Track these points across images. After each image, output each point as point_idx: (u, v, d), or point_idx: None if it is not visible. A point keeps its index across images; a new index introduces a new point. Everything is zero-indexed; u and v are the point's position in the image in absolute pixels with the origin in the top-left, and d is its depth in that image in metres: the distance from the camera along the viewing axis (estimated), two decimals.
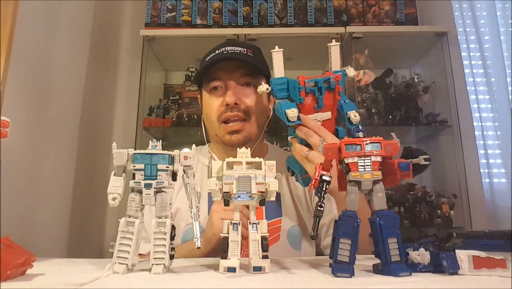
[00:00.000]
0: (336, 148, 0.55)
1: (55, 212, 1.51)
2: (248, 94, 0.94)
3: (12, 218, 1.17)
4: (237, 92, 0.93)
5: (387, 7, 2.03)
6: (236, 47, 0.95)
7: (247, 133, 0.94)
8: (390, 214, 0.53)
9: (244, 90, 0.95)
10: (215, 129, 0.95)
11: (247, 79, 0.95)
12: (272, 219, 0.92)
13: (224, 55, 0.93)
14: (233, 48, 0.95)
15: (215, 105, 0.94)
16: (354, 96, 1.89)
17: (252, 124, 0.95)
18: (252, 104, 0.94)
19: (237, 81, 0.95)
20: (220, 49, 0.95)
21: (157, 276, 0.52)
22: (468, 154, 1.77)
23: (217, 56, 0.94)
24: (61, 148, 1.55)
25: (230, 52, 0.94)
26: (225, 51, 0.94)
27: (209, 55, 0.97)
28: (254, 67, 0.95)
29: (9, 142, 0.50)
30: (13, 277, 0.47)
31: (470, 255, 0.51)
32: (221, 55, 0.94)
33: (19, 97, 1.25)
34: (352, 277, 0.50)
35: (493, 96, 1.86)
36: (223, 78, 0.94)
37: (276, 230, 0.91)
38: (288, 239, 0.91)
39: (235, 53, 0.94)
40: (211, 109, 0.95)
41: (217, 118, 0.94)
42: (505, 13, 1.90)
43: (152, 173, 0.56)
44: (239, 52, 0.94)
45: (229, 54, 0.93)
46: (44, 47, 1.41)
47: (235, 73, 0.94)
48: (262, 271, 0.54)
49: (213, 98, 0.95)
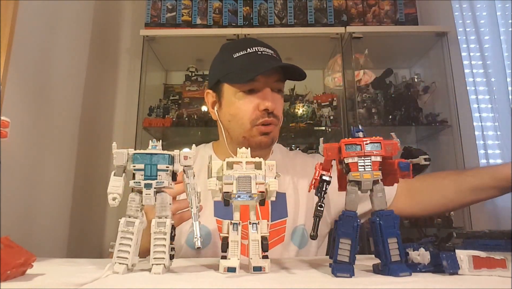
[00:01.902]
0: (336, 147, 0.55)
1: (55, 212, 1.51)
2: (278, 100, 0.95)
3: (12, 218, 1.17)
4: (273, 97, 0.92)
5: (387, 7, 2.03)
6: (266, 48, 0.94)
7: (273, 135, 0.94)
8: (390, 214, 0.53)
9: (277, 96, 0.95)
10: (245, 131, 0.93)
11: (280, 85, 0.95)
12: (277, 219, 0.91)
13: (261, 58, 0.92)
14: (265, 49, 0.94)
15: (249, 108, 0.91)
16: (354, 96, 1.90)
17: (278, 128, 0.96)
18: (280, 110, 0.95)
19: (272, 85, 0.93)
20: (252, 48, 0.93)
21: (157, 276, 0.52)
22: (468, 154, 1.77)
23: (254, 58, 0.92)
24: (61, 148, 1.55)
25: (264, 54, 0.92)
26: (259, 51, 0.93)
27: (238, 51, 0.93)
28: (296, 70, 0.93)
29: (9, 142, 0.50)
30: (13, 277, 0.47)
31: (470, 255, 0.51)
32: (259, 57, 0.92)
33: (19, 97, 1.25)
34: (352, 277, 0.50)
35: (493, 96, 1.86)
36: (260, 80, 0.91)
37: (281, 231, 0.91)
38: (293, 239, 0.91)
39: (268, 55, 0.93)
40: (242, 111, 0.92)
41: (250, 122, 0.91)
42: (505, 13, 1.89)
43: (152, 173, 0.56)
44: (271, 55, 0.93)
45: (265, 57, 0.92)
46: (44, 47, 1.41)
47: (271, 77, 0.93)
48: (262, 271, 0.54)
49: (247, 100, 0.92)
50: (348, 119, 1.89)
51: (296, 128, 1.93)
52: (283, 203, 0.94)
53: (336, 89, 2.01)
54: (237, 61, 0.92)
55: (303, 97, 2.05)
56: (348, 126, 1.85)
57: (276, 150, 1.07)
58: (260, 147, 0.92)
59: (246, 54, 0.92)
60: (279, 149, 1.09)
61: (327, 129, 1.93)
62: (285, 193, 0.96)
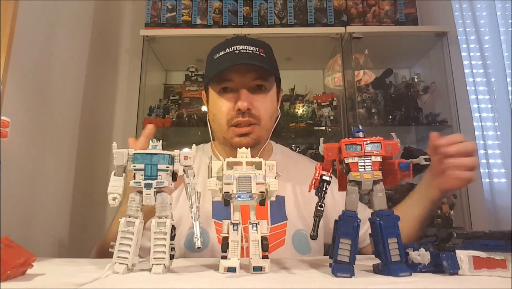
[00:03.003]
0: (336, 147, 0.55)
1: (55, 212, 1.51)
2: (259, 99, 0.90)
3: (12, 218, 1.17)
4: (249, 97, 0.88)
5: (387, 7, 2.03)
6: (248, 46, 0.90)
7: (256, 136, 0.90)
8: (390, 214, 0.53)
9: (256, 95, 0.90)
10: (223, 132, 0.92)
11: (259, 82, 0.91)
12: (278, 222, 0.89)
13: (236, 56, 0.88)
14: (245, 47, 0.89)
15: (224, 108, 0.90)
16: (354, 96, 1.90)
17: (262, 128, 0.91)
18: (263, 109, 0.90)
19: (249, 84, 0.90)
20: (231, 47, 0.90)
21: (157, 276, 0.52)
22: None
23: (228, 57, 0.89)
24: (61, 148, 1.55)
25: (242, 52, 0.88)
26: (237, 50, 0.89)
27: (218, 52, 0.91)
28: (268, 71, 0.90)
29: (9, 142, 0.50)
30: (13, 277, 0.47)
31: (470, 255, 0.51)
32: (232, 55, 0.88)
33: (19, 97, 1.25)
34: (352, 277, 0.50)
35: (493, 96, 1.86)
36: (234, 80, 0.89)
37: (282, 234, 0.88)
38: (293, 243, 0.89)
39: (247, 53, 0.88)
40: (219, 112, 0.91)
41: (227, 122, 0.90)
42: (505, 13, 1.90)
43: (152, 173, 0.56)
44: (251, 52, 0.89)
45: (241, 55, 0.88)
46: (44, 47, 1.41)
47: (247, 75, 0.89)
48: (262, 271, 0.54)
49: (222, 100, 0.91)
50: (348, 119, 1.89)
51: (296, 128, 1.92)
52: (282, 206, 0.92)
53: (336, 89, 2.01)
54: (216, 62, 0.91)
55: (303, 97, 2.05)
56: (348, 126, 1.85)
57: (277, 151, 1.05)
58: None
59: (224, 54, 0.90)
60: (280, 150, 1.07)
61: (327, 129, 1.93)
62: (284, 196, 0.94)
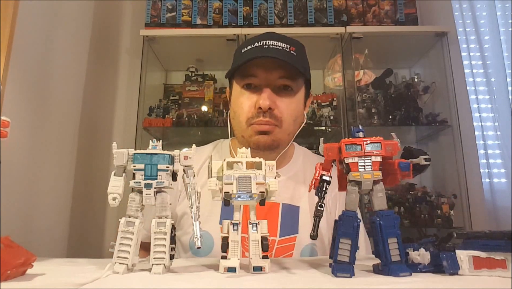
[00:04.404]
0: (336, 147, 0.55)
1: (55, 212, 1.51)
2: (284, 100, 0.84)
3: (12, 218, 1.17)
4: (272, 96, 0.82)
5: (387, 7, 2.03)
6: (278, 42, 0.84)
7: (275, 137, 0.84)
8: (390, 214, 0.53)
9: (281, 94, 0.85)
10: (242, 130, 0.86)
11: (286, 82, 0.85)
12: (287, 235, 0.83)
13: (264, 50, 0.82)
14: (275, 42, 0.83)
15: (245, 105, 0.85)
16: (354, 96, 1.90)
17: (283, 130, 0.85)
18: (287, 111, 0.84)
19: (274, 83, 0.84)
20: (261, 41, 0.84)
21: (157, 276, 0.52)
22: (468, 154, 1.77)
23: (256, 50, 0.83)
24: (61, 148, 1.55)
25: (271, 47, 0.83)
26: (266, 45, 0.83)
27: (247, 46, 0.86)
28: (296, 70, 0.84)
29: (9, 142, 0.50)
30: (13, 277, 0.47)
31: (470, 255, 0.51)
32: (260, 49, 0.83)
33: (19, 97, 1.25)
34: (352, 277, 0.50)
35: (493, 96, 1.86)
36: (259, 76, 0.84)
37: (289, 248, 0.83)
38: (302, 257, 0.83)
39: (276, 49, 0.82)
40: (240, 109, 0.85)
41: (246, 120, 0.84)
42: (505, 13, 1.90)
43: (152, 173, 0.56)
44: (281, 48, 0.83)
45: (270, 50, 0.82)
46: (44, 47, 1.41)
47: (274, 73, 0.83)
48: (262, 271, 0.54)
49: (245, 96, 0.85)
50: (348, 119, 1.89)
51: None
52: (295, 218, 0.86)
53: (336, 89, 2.01)
54: (242, 55, 0.86)
55: None
56: (348, 126, 1.85)
57: (298, 156, 0.97)
58: (259, 148, 0.84)
59: (251, 48, 0.85)
60: (303, 155, 0.99)
61: (327, 129, 1.93)
62: (298, 206, 0.87)
